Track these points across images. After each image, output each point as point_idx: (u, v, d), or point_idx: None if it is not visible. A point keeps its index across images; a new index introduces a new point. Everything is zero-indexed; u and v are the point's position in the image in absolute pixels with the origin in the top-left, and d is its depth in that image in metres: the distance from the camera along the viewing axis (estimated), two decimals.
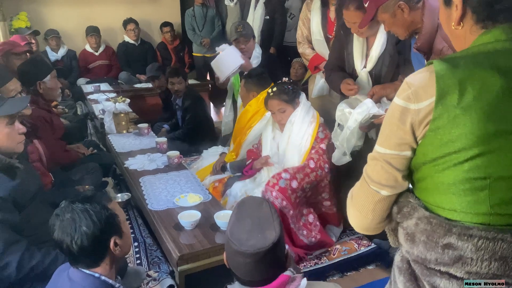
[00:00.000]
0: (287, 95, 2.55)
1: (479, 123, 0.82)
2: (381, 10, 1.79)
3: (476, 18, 0.90)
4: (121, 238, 1.37)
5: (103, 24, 5.66)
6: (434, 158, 0.89)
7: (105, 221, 1.30)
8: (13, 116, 1.81)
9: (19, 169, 1.78)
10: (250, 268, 1.25)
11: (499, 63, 0.84)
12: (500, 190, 0.84)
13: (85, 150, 3.22)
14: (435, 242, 0.89)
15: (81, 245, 1.26)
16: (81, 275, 1.32)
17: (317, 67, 3.09)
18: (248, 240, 1.25)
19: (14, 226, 1.65)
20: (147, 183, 2.56)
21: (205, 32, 5.38)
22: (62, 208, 1.32)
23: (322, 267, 2.36)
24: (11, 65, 3.17)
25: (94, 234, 1.27)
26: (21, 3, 5.28)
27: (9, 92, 2.27)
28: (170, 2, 6.19)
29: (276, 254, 1.27)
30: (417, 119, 0.88)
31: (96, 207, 1.30)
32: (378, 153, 0.97)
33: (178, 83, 3.93)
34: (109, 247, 1.33)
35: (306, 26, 3.13)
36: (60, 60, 5.38)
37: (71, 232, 1.26)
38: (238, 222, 1.32)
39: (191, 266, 1.91)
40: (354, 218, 1.06)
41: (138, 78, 5.55)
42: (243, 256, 1.23)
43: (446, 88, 0.84)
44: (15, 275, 1.60)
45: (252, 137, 2.96)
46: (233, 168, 2.94)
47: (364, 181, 1.01)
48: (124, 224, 1.40)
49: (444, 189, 0.89)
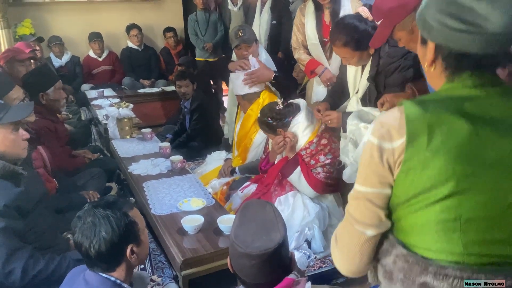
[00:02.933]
0: (267, 127, 2.53)
1: (448, 165, 0.84)
2: (397, 28, 1.69)
3: (445, 64, 0.93)
4: (138, 246, 1.37)
5: (106, 30, 5.70)
6: (407, 199, 0.90)
7: (124, 229, 1.31)
8: (18, 123, 1.83)
9: (23, 176, 1.79)
10: (255, 271, 1.25)
11: (466, 108, 0.87)
12: (471, 231, 0.86)
13: (91, 155, 3.25)
14: (412, 280, 0.90)
15: (99, 250, 1.28)
16: (97, 278, 1.33)
17: (313, 71, 3.08)
18: (253, 242, 1.25)
19: (18, 233, 1.65)
20: (150, 187, 2.56)
21: (207, 36, 5.40)
22: (84, 211, 1.34)
23: (326, 270, 2.35)
24: (15, 72, 3.19)
25: (112, 240, 1.28)
26: (25, 10, 5.33)
27: (12, 100, 2.29)
28: (172, 7, 6.22)
29: (281, 256, 1.27)
30: (392, 159, 0.90)
31: (116, 214, 1.31)
32: (359, 192, 0.96)
33: (185, 86, 3.96)
34: (126, 254, 1.34)
35: (301, 32, 3.11)
36: (64, 66, 5.42)
37: (90, 236, 1.28)
38: (242, 225, 1.32)
39: (195, 270, 1.91)
40: (341, 261, 1.04)
41: (142, 83, 5.58)
42: (248, 258, 1.23)
43: (415, 131, 0.87)
44: (20, 282, 1.60)
45: (259, 140, 2.96)
46: (242, 170, 2.94)
47: (348, 222, 1.00)
48: (143, 232, 1.41)
49: (418, 229, 0.90)
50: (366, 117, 2.06)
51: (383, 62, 2.17)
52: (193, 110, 3.98)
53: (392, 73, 2.17)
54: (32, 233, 1.75)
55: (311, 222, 2.43)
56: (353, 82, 2.38)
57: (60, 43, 5.35)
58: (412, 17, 1.62)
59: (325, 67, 2.99)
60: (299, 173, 2.45)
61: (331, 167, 2.49)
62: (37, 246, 1.73)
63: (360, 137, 2.00)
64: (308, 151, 2.48)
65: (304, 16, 3.05)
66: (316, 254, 2.40)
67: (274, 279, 1.26)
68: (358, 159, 2.00)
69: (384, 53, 2.17)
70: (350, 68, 2.38)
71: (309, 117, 2.52)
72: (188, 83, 3.97)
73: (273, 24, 4.42)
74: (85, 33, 5.60)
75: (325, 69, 2.99)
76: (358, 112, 2.11)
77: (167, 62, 5.91)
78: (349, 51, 2.15)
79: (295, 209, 2.47)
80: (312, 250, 2.41)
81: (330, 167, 2.48)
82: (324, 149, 2.49)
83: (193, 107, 3.99)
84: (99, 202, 1.35)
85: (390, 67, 2.17)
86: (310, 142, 2.48)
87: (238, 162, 3.06)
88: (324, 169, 2.46)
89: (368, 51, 2.17)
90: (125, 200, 1.40)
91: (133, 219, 1.36)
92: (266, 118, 2.51)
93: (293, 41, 3.22)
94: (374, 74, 2.21)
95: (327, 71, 2.97)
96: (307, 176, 2.44)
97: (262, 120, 2.54)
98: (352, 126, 2.06)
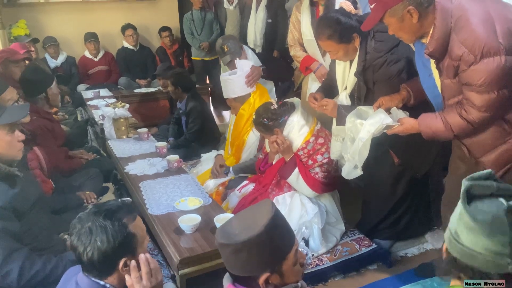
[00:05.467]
0: (264, 127, 2.53)
1: None
2: (388, 14, 1.70)
3: None
4: (133, 258, 1.33)
5: (101, 30, 5.68)
6: None
7: (120, 241, 1.28)
8: (14, 125, 1.83)
9: (19, 177, 1.79)
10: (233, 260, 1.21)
11: None
12: None
13: (88, 156, 3.24)
14: None
15: (91, 258, 1.27)
16: (88, 282, 1.32)
17: (308, 68, 3.09)
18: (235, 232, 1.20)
19: (14, 234, 1.65)
20: (147, 187, 2.56)
21: (203, 35, 5.40)
22: (86, 214, 1.32)
23: (323, 268, 2.36)
24: (9, 72, 3.19)
25: (106, 251, 1.27)
26: (20, 11, 5.31)
27: (6, 101, 2.29)
28: (168, 7, 6.21)
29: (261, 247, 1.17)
30: None
31: (115, 225, 1.28)
32: None
33: (164, 86, 3.95)
34: (118, 267, 1.31)
35: (297, 29, 3.12)
36: (59, 67, 5.41)
37: (85, 242, 1.27)
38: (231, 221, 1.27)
39: (192, 269, 1.91)
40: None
41: (138, 83, 5.57)
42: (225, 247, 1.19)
43: None
44: (17, 283, 1.60)
45: (252, 140, 2.97)
46: (236, 170, 2.94)
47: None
48: (142, 244, 1.37)
49: None
50: (365, 115, 2.07)
51: (369, 57, 2.19)
52: (189, 112, 3.98)
53: (379, 68, 2.19)
54: (29, 234, 1.75)
55: (309, 221, 2.44)
56: (342, 78, 2.39)
57: (54, 44, 5.33)
58: (404, 5, 1.64)
59: (320, 63, 3.01)
60: (297, 175, 2.46)
61: (329, 166, 2.49)
62: (34, 247, 1.73)
63: (357, 133, 2.02)
64: (306, 151, 2.49)
65: (300, 13, 3.07)
66: (313, 252, 2.41)
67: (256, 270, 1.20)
68: (356, 155, 2.03)
69: (371, 48, 2.19)
70: (339, 65, 2.39)
71: (304, 116, 2.52)
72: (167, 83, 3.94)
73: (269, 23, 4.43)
74: (80, 34, 5.58)
75: (320, 65, 3.00)
76: (356, 110, 2.12)
77: (163, 61, 5.89)
78: (333, 44, 2.17)
79: (292, 208, 2.47)
80: (310, 248, 2.41)
81: (328, 166, 2.49)
82: (321, 149, 2.49)
83: (188, 109, 3.98)
84: (101, 208, 1.32)
85: (377, 61, 2.18)
86: (307, 141, 2.48)
87: (232, 161, 3.06)
88: (322, 169, 2.47)
89: (353, 44, 2.19)
90: (128, 209, 1.36)
91: (132, 231, 1.32)
92: (261, 119, 2.51)
93: (289, 39, 3.23)
94: (361, 69, 2.23)
95: (322, 67, 2.98)
96: (305, 177, 2.45)
97: (258, 122, 2.54)
98: (349, 124, 2.07)
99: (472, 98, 1.61)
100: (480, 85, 1.57)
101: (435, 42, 1.64)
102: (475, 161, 1.82)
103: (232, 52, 3.07)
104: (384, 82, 2.16)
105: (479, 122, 1.66)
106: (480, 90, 1.58)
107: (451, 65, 1.64)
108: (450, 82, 1.69)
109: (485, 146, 1.74)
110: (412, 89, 2.06)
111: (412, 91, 2.06)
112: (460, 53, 1.58)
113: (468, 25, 1.56)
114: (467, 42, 1.55)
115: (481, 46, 1.52)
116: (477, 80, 1.56)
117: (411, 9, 1.63)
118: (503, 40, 1.52)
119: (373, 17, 1.75)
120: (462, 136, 1.76)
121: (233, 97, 2.96)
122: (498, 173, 1.73)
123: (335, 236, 2.56)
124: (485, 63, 1.53)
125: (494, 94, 1.57)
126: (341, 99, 2.40)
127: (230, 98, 2.99)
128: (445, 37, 1.62)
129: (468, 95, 1.63)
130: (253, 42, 4.56)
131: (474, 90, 1.60)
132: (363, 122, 2.00)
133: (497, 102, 1.59)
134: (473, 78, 1.57)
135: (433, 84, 1.86)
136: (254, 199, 2.56)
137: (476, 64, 1.55)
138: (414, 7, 1.63)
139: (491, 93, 1.57)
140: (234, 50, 3.08)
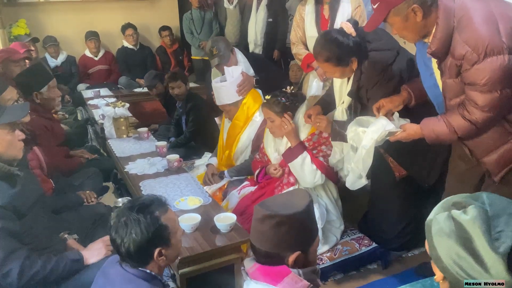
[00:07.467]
0: (278, 107, 2.52)
1: None
2: (392, 13, 1.68)
3: None
4: (167, 248, 1.43)
5: (101, 30, 5.69)
6: None
7: (153, 233, 1.37)
8: (14, 124, 1.83)
9: (19, 177, 1.79)
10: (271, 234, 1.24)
11: None
12: None
13: (88, 155, 3.24)
14: None
15: (128, 249, 1.36)
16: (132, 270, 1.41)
17: (310, 65, 3.09)
18: (279, 208, 1.27)
19: (14, 234, 1.66)
20: (147, 187, 2.56)
21: (203, 35, 5.41)
22: (122, 209, 1.41)
23: (323, 267, 2.36)
24: (10, 72, 3.18)
25: (141, 242, 1.36)
26: (20, 10, 5.31)
27: (6, 101, 2.28)
28: (168, 6, 6.22)
29: (302, 225, 1.26)
30: None
31: (147, 219, 1.37)
32: None
33: (178, 87, 3.94)
34: (153, 256, 1.40)
35: (300, 27, 3.12)
36: (60, 66, 5.41)
37: (122, 234, 1.36)
38: (268, 200, 1.36)
39: (192, 269, 1.91)
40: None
41: (138, 83, 5.58)
42: (268, 219, 1.24)
43: None
44: (17, 283, 1.61)
45: (241, 146, 2.95)
46: (231, 172, 2.94)
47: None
48: (175, 235, 1.45)
49: None
50: (366, 124, 2.05)
51: (363, 77, 2.18)
52: (188, 111, 3.97)
53: (373, 87, 2.18)
54: (29, 234, 1.75)
55: None
56: (339, 92, 2.40)
57: (54, 43, 5.33)
58: (408, 3, 1.62)
59: None
60: (304, 158, 2.45)
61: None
62: (34, 247, 1.73)
63: (359, 142, 2.00)
64: (311, 143, 2.52)
65: (304, 11, 3.09)
66: None
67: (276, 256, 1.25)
68: (360, 163, 2.02)
69: (365, 68, 2.17)
70: (336, 80, 2.39)
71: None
72: (180, 84, 3.94)
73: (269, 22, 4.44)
74: (80, 33, 5.59)
75: None
76: (356, 120, 2.10)
77: (163, 61, 5.91)
78: (331, 66, 2.15)
79: None
80: None
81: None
82: (325, 142, 2.52)
83: (187, 108, 3.98)
84: (134, 204, 1.42)
85: (371, 81, 2.18)
86: (312, 134, 2.52)
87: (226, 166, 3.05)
88: (325, 159, 2.50)
89: (351, 66, 2.17)
90: (160, 203, 1.45)
91: (164, 223, 1.41)
92: (279, 98, 2.53)
93: (292, 37, 3.24)
94: (354, 89, 2.22)
95: None
96: (312, 158, 2.46)
97: (273, 101, 2.53)
98: (351, 133, 2.06)
99: (475, 97, 1.61)
100: (484, 84, 1.56)
101: (437, 41, 1.63)
102: (476, 161, 1.82)
103: (220, 55, 2.99)
104: (378, 98, 2.13)
105: (482, 122, 1.65)
106: (483, 90, 1.57)
107: (453, 64, 1.63)
108: (452, 81, 1.69)
109: (487, 147, 1.73)
110: (413, 90, 2.06)
111: (413, 92, 2.06)
112: (463, 52, 1.57)
113: (471, 24, 1.55)
114: (470, 41, 1.55)
115: (485, 45, 1.52)
116: (481, 79, 1.55)
117: (415, 7, 1.62)
118: (506, 39, 1.52)
119: (377, 17, 1.73)
120: (466, 137, 1.75)
121: (227, 103, 2.94)
122: (500, 173, 1.73)
123: (335, 235, 2.56)
124: (489, 62, 1.52)
125: (497, 94, 1.57)
126: (338, 113, 2.41)
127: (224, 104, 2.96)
128: (448, 36, 1.61)
129: (471, 95, 1.62)
130: (253, 41, 4.57)
131: (477, 89, 1.59)
132: (365, 129, 1.98)
133: (500, 102, 1.59)
134: (477, 77, 1.56)
135: (434, 83, 1.85)
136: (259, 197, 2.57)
137: (480, 63, 1.54)
138: (419, 5, 1.61)
139: (494, 93, 1.57)
140: (223, 53, 2.99)
